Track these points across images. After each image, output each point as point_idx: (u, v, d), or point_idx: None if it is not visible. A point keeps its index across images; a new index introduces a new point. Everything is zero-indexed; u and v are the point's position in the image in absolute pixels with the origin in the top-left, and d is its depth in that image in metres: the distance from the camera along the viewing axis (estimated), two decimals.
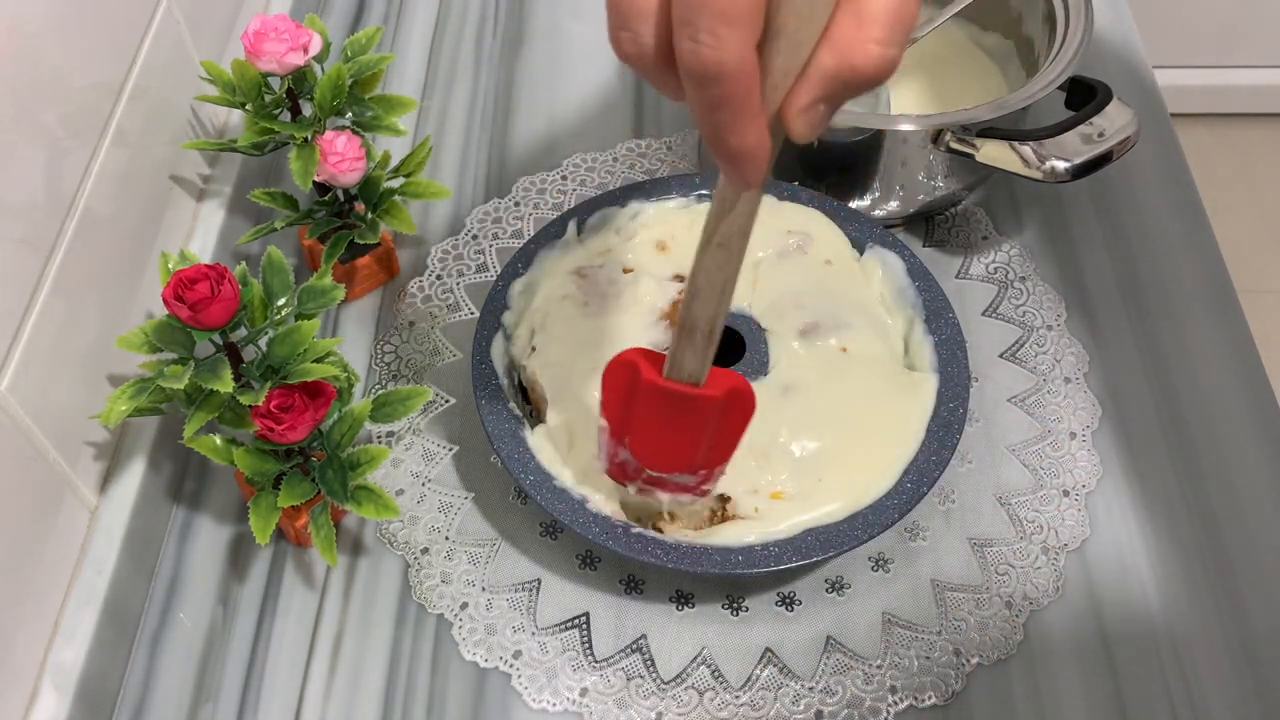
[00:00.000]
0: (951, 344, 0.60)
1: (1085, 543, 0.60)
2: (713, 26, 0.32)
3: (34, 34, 0.53)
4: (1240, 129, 1.83)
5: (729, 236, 0.41)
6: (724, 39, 0.32)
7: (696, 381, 0.47)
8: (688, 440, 0.50)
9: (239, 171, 0.73)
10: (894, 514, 0.55)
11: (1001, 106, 0.64)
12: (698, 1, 0.32)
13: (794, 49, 0.33)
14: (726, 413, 0.49)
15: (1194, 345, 0.68)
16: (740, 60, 0.32)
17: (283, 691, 0.56)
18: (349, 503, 0.54)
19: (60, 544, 0.56)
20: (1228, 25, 1.71)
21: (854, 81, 0.33)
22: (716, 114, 0.34)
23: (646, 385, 0.48)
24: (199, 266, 0.51)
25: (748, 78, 0.33)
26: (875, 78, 0.33)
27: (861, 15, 0.32)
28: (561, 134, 0.79)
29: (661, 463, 0.51)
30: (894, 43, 0.32)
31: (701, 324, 0.45)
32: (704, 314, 0.45)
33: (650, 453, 0.51)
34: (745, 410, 0.50)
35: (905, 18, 0.32)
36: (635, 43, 0.34)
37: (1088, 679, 0.56)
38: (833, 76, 0.33)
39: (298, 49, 0.61)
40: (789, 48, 0.33)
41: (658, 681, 0.56)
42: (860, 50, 0.32)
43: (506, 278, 0.63)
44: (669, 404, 0.48)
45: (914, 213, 0.72)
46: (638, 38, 0.34)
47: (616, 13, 0.34)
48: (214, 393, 0.53)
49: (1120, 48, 0.83)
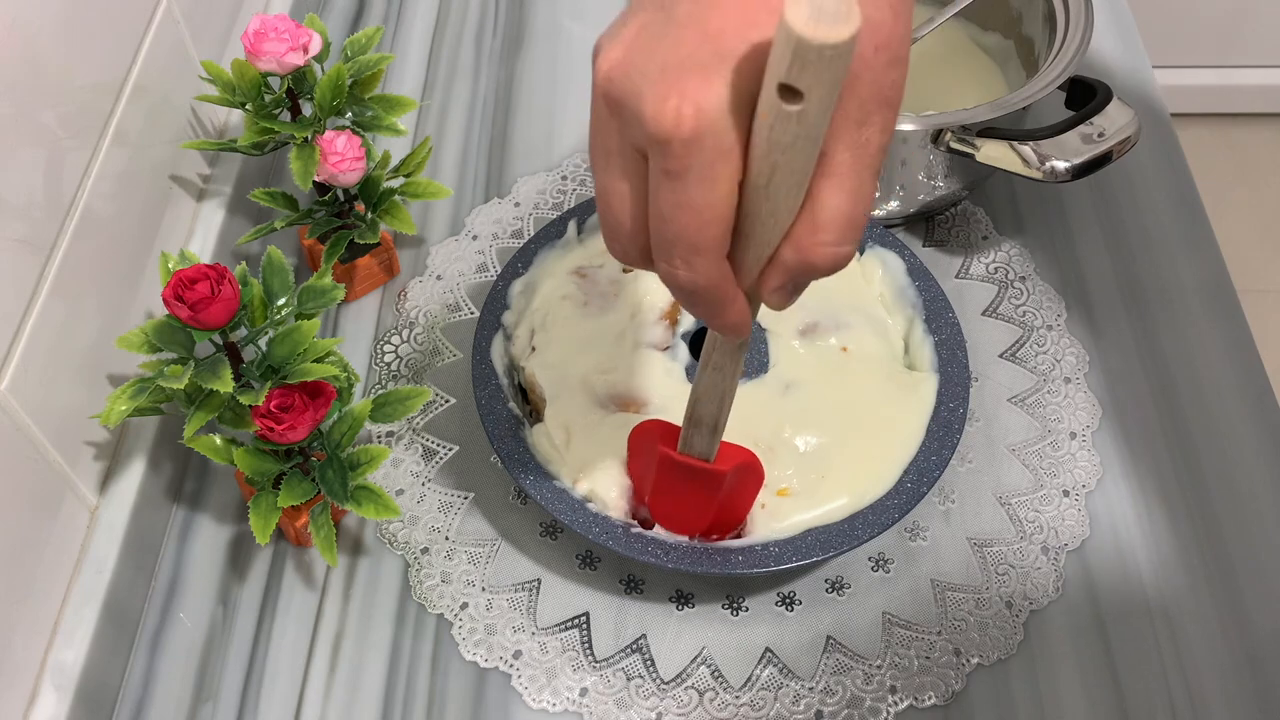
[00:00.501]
0: (951, 344, 0.60)
1: (1085, 543, 0.60)
2: (686, 257, 0.36)
3: (34, 34, 0.53)
4: (1240, 129, 1.83)
5: (722, 363, 0.46)
6: (696, 265, 0.36)
7: (707, 458, 0.52)
8: (699, 507, 0.54)
9: (239, 171, 0.73)
10: (894, 514, 0.55)
11: (1001, 106, 0.64)
12: (670, 237, 0.36)
13: (761, 248, 0.37)
14: (736, 486, 0.53)
15: (1194, 345, 0.68)
16: (712, 277, 0.37)
17: (283, 691, 0.56)
18: (349, 503, 0.54)
19: (60, 544, 0.56)
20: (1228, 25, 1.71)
21: (812, 272, 0.37)
22: (699, 310, 0.39)
23: (662, 457, 0.52)
24: (199, 266, 0.51)
25: (721, 289, 0.37)
26: (829, 270, 0.37)
27: (816, 222, 0.36)
28: (561, 134, 0.79)
29: (675, 526, 0.55)
30: (844, 242, 0.36)
31: (707, 421, 0.50)
32: (708, 415, 0.49)
33: (664, 516, 0.55)
34: (754, 483, 0.54)
35: (855, 223, 0.36)
36: (622, 252, 0.39)
37: (1088, 679, 0.56)
38: (793, 268, 0.37)
39: (298, 49, 0.61)
40: (757, 247, 0.37)
41: (658, 681, 0.56)
42: (814, 251, 0.36)
43: (506, 278, 0.63)
44: (681, 475, 0.52)
45: (914, 213, 0.72)
46: (625, 251, 0.39)
47: (605, 230, 0.39)
48: (214, 393, 0.53)
49: (1120, 48, 0.83)
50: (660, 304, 0.62)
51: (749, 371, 0.60)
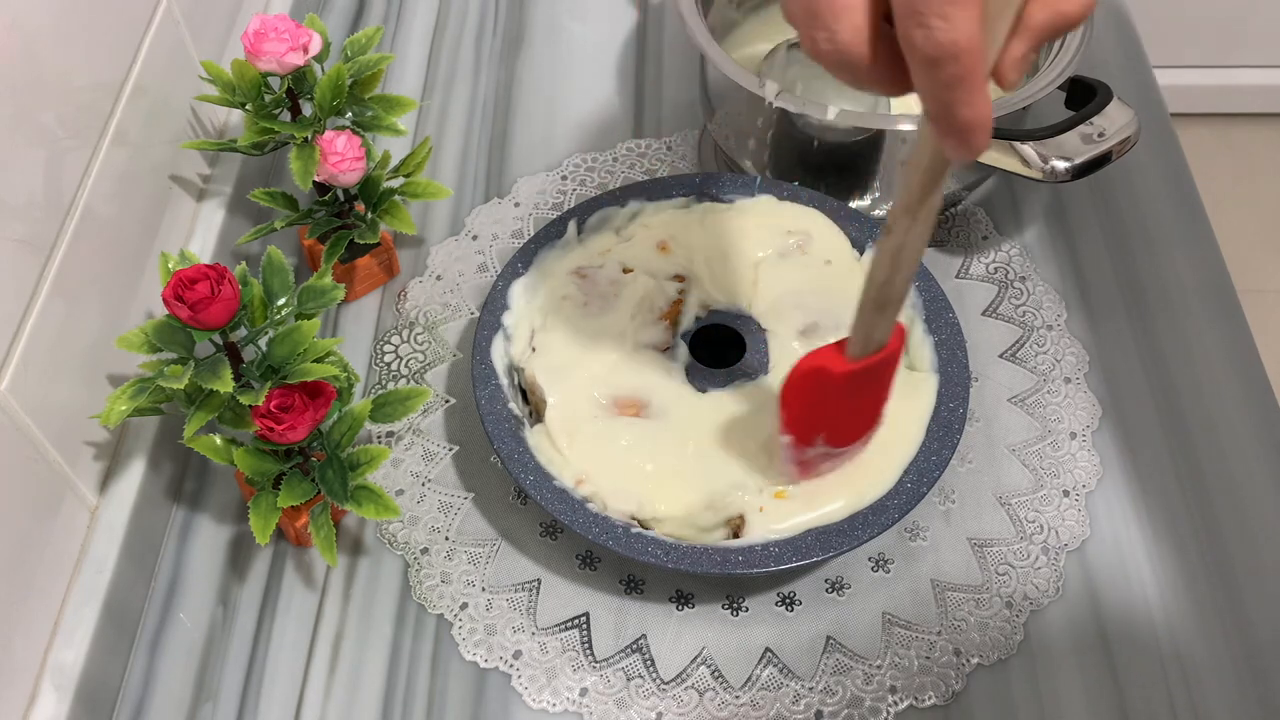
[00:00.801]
0: (951, 344, 0.60)
1: (1085, 543, 0.60)
2: (942, 9, 0.33)
3: (34, 34, 0.53)
4: (1240, 129, 1.83)
5: (933, 209, 0.43)
6: (954, 19, 0.33)
7: (884, 344, 0.50)
8: (880, 400, 0.53)
9: (239, 171, 0.73)
10: (894, 514, 0.55)
11: (1001, 106, 0.64)
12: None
13: (1007, 11, 0.35)
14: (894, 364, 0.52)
15: (1194, 345, 0.68)
16: (971, 36, 0.34)
17: (283, 691, 0.56)
18: (349, 503, 0.54)
19: (60, 544, 0.56)
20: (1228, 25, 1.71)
21: (1064, 27, 0.36)
22: (951, 92, 0.35)
23: (843, 376, 0.50)
24: (199, 266, 0.51)
25: (979, 52, 0.34)
26: (1082, 18, 0.36)
27: None
28: (561, 134, 0.79)
29: (857, 435, 0.55)
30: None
31: (899, 295, 0.47)
32: (899, 289, 0.47)
33: (848, 433, 0.54)
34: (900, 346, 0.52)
35: None
36: (832, 41, 0.36)
37: (1088, 679, 0.56)
38: (1046, 27, 0.36)
39: (297, 49, 0.61)
40: (1007, 12, 0.35)
41: (658, 681, 0.56)
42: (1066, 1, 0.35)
43: (506, 278, 0.63)
44: (865, 380, 0.51)
45: None
46: (836, 36, 0.36)
47: (813, 15, 0.36)
48: (214, 393, 0.53)
49: (1120, 48, 0.83)
50: (660, 304, 0.62)
51: (749, 372, 0.60)
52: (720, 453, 0.57)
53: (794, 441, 0.54)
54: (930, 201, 0.43)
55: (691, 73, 0.82)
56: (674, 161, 0.77)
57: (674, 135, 0.78)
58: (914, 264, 0.46)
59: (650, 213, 0.66)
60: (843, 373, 0.50)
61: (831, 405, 0.52)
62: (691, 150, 0.78)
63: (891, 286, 0.47)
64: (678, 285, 0.63)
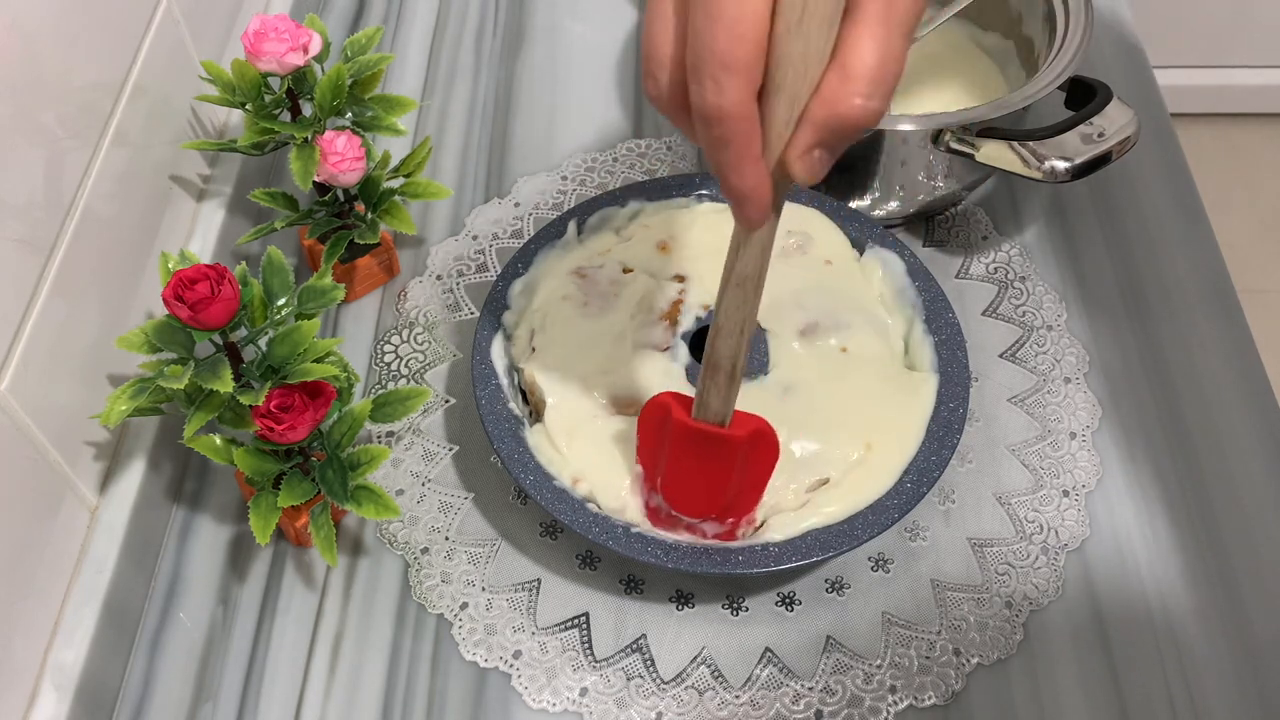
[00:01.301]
0: (951, 344, 0.60)
1: (1085, 543, 0.60)
2: (715, 74, 0.36)
3: (34, 34, 0.53)
4: (1240, 129, 1.83)
5: (744, 277, 0.45)
6: (725, 85, 0.37)
7: (722, 422, 0.50)
8: (715, 483, 0.52)
9: (239, 171, 0.73)
10: (894, 514, 0.55)
11: (1001, 106, 0.64)
12: (704, 53, 0.36)
13: (791, 102, 0.38)
14: (751, 456, 0.52)
15: (1194, 345, 0.68)
16: (739, 104, 0.37)
17: (283, 691, 0.56)
18: (349, 503, 0.54)
19: (60, 544, 0.56)
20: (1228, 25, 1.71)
21: (841, 129, 0.38)
22: (721, 154, 0.38)
23: (676, 425, 0.51)
24: (199, 266, 0.51)
25: (746, 121, 0.38)
26: (859, 126, 0.37)
27: (846, 73, 0.36)
28: (561, 134, 0.79)
29: (690, 507, 0.54)
30: (876, 96, 0.37)
31: (724, 362, 0.48)
32: (726, 352, 0.47)
33: (679, 497, 0.54)
34: (769, 454, 0.52)
35: (887, 76, 0.36)
36: (656, 88, 0.40)
37: (1088, 679, 0.56)
38: (822, 124, 0.38)
39: (298, 49, 0.61)
40: (787, 101, 0.38)
41: (657, 681, 0.56)
42: (845, 103, 0.37)
43: (506, 278, 0.63)
44: (696, 445, 0.51)
45: (914, 213, 0.72)
46: (658, 84, 0.40)
47: (645, 60, 0.40)
48: (214, 393, 0.53)
49: (1120, 48, 0.83)
50: (660, 304, 0.62)
51: (749, 373, 0.60)
52: None
53: (643, 474, 0.55)
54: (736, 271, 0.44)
55: None
56: (674, 161, 0.77)
57: (674, 135, 0.78)
58: (734, 334, 0.47)
59: (650, 213, 0.66)
60: (678, 420, 0.51)
61: (671, 453, 0.52)
62: (691, 150, 0.78)
63: (715, 344, 0.47)
64: (678, 285, 0.63)
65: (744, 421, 0.51)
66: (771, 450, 0.52)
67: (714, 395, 0.49)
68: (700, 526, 0.55)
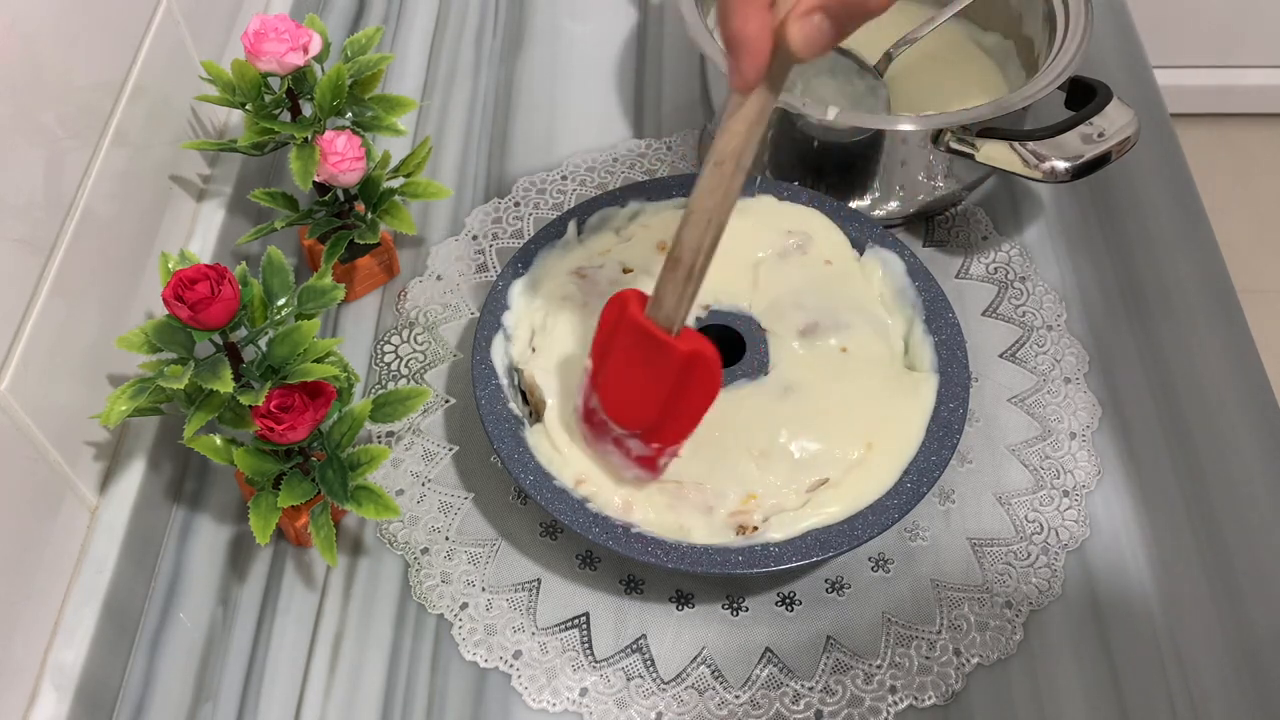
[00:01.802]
0: (951, 344, 0.60)
1: (1085, 543, 0.60)
2: None
3: (34, 34, 0.53)
4: (1240, 129, 1.83)
5: (724, 156, 0.43)
6: None
7: (671, 327, 0.48)
8: (649, 393, 0.50)
9: (239, 171, 0.73)
10: (894, 514, 0.55)
11: (1001, 106, 0.64)
12: None
13: None
14: (690, 378, 0.50)
15: (1194, 345, 0.68)
16: None
17: (283, 691, 0.56)
18: (349, 503, 0.54)
19: (60, 544, 0.56)
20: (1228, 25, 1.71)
21: (858, 9, 0.37)
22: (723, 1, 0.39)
23: (627, 319, 0.49)
24: (199, 266, 0.51)
25: None
26: (877, 9, 0.37)
27: None
28: (561, 134, 0.79)
29: (621, 414, 0.52)
30: None
31: (686, 254, 0.45)
32: (689, 242, 0.45)
33: (613, 400, 0.52)
34: (707, 384, 0.50)
35: None
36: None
37: (1088, 679, 0.56)
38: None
39: (297, 49, 0.61)
40: None
41: (657, 681, 0.56)
42: None
43: (506, 278, 0.63)
44: (640, 345, 0.49)
45: (914, 213, 0.72)
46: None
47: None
48: (214, 393, 0.53)
49: (1120, 48, 0.83)
50: None
51: (750, 373, 0.60)
52: (718, 452, 0.57)
53: (589, 370, 0.53)
54: (718, 147, 0.43)
55: (691, 73, 0.82)
56: (674, 161, 0.77)
57: (674, 135, 0.78)
58: (700, 227, 0.45)
59: (650, 213, 0.66)
60: (632, 315, 0.49)
61: (616, 350, 0.50)
62: (691, 150, 0.78)
63: (677, 239, 0.46)
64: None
65: (691, 338, 0.49)
66: (710, 380, 0.50)
67: (670, 293, 0.47)
68: (626, 442, 0.53)
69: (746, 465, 0.56)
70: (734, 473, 0.56)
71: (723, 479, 0.56)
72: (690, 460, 0.56)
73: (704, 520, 0.55)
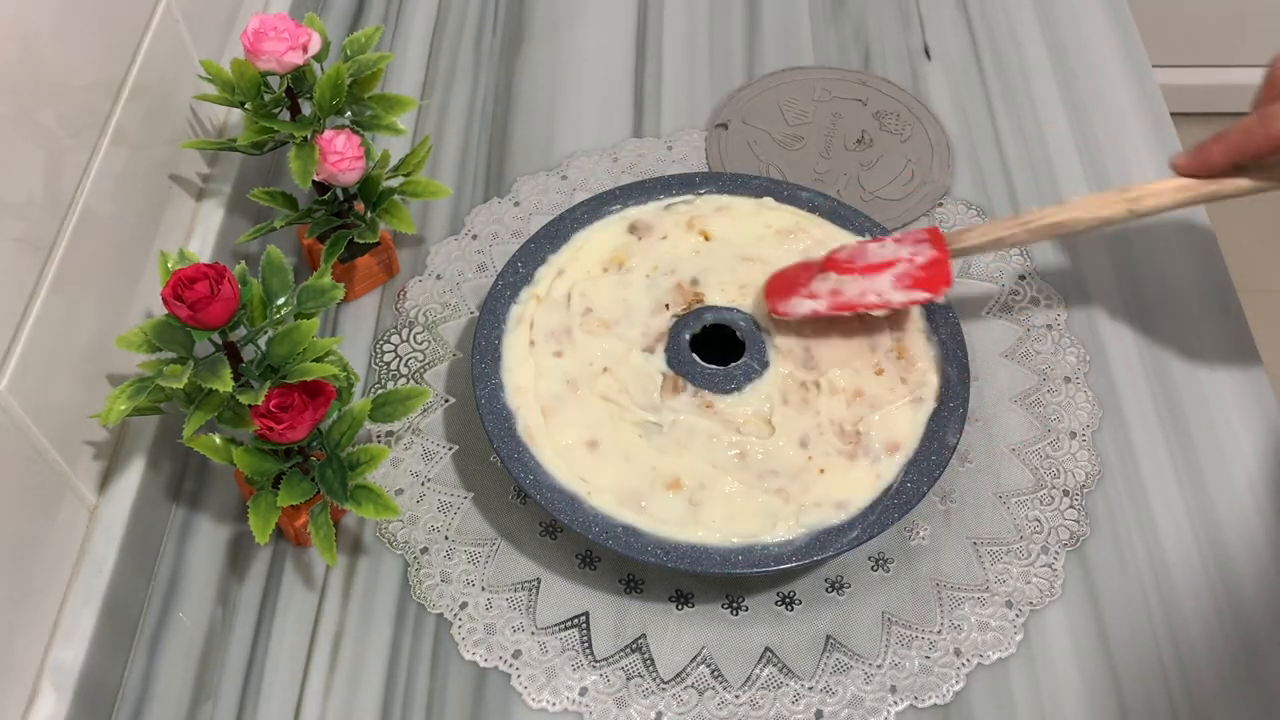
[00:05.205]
0: (951, 344, 0.60)
1: (1085, 542, 0.60)
2: None
3: (34, 34, 0.53)
4: None
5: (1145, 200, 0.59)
6: None
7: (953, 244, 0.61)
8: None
9: (238, 171, 0.73)
10: (894, 514, 0.55)
11: None
12: None
13: None
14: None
15: (1194, 345, 0.67)
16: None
17: (282, 691, 0.56)
18: (348, 502, 0.54)
19: (60, 544, 0.56)
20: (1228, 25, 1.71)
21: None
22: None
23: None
24: (198, 266, 0.51)
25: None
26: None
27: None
28: (561, 134, 0.79)
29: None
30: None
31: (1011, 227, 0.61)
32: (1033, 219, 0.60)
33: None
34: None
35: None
36: None
37: (1088, 679, 0.56)
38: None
39: (297, 48, 0.61)
40: None
41: (657, 681, 0.56)
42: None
43: (506, 277, 0.63)
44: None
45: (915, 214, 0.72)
46: None
47: None
48: (213, 392, 0.53)
49: (1120, 48, 0.83)
50: (661, 304, 0.62)
51: (750, 373, 0.60)
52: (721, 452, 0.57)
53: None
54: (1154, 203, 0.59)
55: (692, 73, 0.82)
56: (674, 161, 0.77)
57: (674, 135, 0.78)
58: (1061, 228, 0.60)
59: (650, 213, 0.66)
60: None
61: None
62: (691, 150, 0.78)
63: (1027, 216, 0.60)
64: (678, 284, 0.63)
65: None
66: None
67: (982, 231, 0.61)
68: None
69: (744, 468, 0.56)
70: (732, 475, 0.56)
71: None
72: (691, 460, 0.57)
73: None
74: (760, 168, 0.75)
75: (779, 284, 0.61)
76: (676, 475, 0.56)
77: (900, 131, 0.77)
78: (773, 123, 0.78)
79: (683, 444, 0.57)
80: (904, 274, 0.59)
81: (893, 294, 0.59)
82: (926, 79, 0.81)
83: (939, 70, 0.82)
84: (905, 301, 0.59)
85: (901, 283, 0.59)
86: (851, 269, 0.59)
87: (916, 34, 0.84)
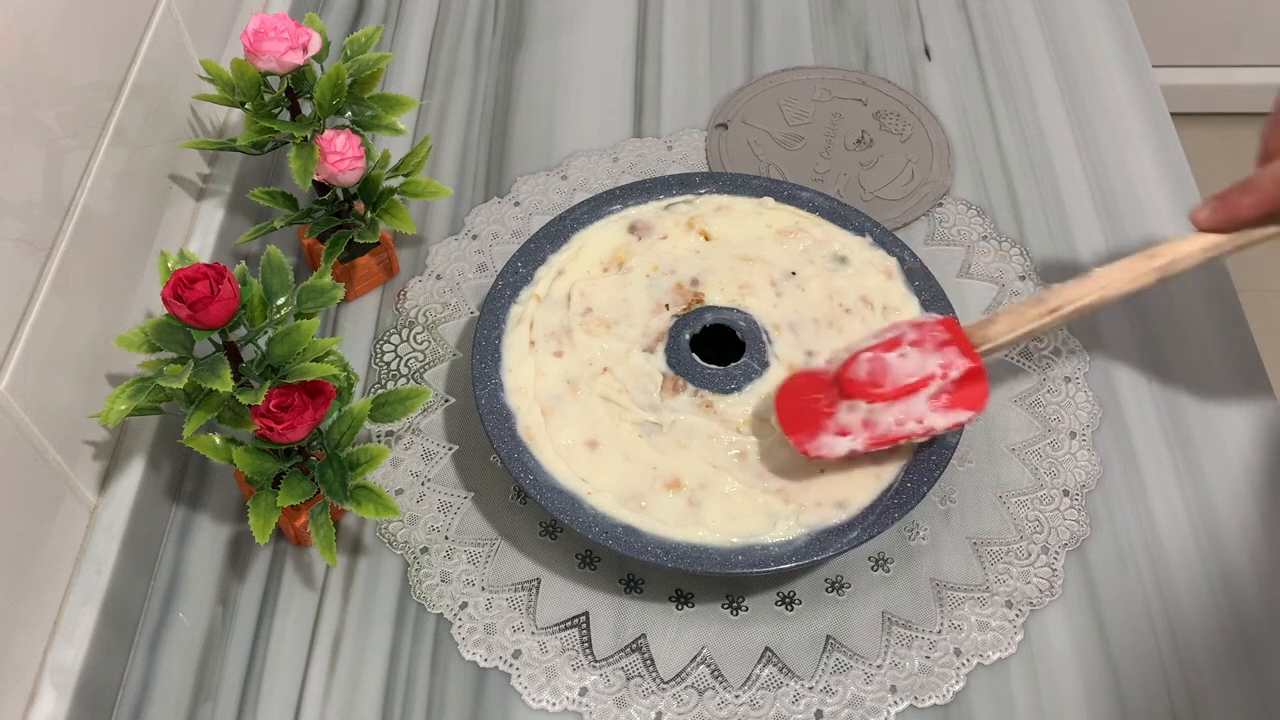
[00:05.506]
0: None
1: (1085, 543, 0.60)
2: None
3: (34, 34, 0.53)
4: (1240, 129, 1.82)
5: (1166, 258, 0.59)
6: None
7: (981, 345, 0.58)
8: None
9: (238, 171, 0.72)
10: (894, 514, 0.55)
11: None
12: None
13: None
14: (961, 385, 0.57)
15: (1194, 345, 0.68)
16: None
17: (282, 691, 0.56)
18: (348, 502, 0.54)
19: (60, 544, 0.56)
20: (1228, 25, 1.71)
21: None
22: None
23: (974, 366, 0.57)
24: (198, 266, 0.51)
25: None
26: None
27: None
28: (561, 134, 0.79)
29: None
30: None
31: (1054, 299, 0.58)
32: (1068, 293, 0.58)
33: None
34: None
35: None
36: None
37: (1088, 679, 0.56)
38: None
39: (297, 48, 0.61)
40: None
41: (657, 681, 0.56)
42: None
43: (506, 277, 0.63)
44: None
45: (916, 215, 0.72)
46: None
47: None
48: (213, 392, 0.53)
49: (1120, 48, 0.83)
50: (662, 303, 0.62)
51: (750, 373, 0.60)
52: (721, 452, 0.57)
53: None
54: (1179, 263, 0.59)
55: (692, 73, 0.82)
56: (674, 161, 0.77)
57: (674, 135, 0.78)
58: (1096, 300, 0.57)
59: (650, 213, 0.66)
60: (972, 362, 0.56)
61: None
62: (691, 150, 0.78)
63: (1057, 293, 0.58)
64: (678, 284, 0.63)
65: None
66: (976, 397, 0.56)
67: (1008, 320, 0.58)
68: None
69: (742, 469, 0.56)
70: (732, 476, 0.56)
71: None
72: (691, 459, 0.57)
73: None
74: (760, 168, 0.75)
75: (795, 411, 0.56)
76: (676, 475, 0.56)
77: (900, 131, 0.77)
78: (773, 123, 0.78)
79: (682, 444, 0.57)
80: (939, 392, 0.55)
81: (934, 418, 0.55)
82: (926, 79, 0.81)
83: (939, 70, 0.82)
84: (949, 425, 0.55)
85: (938, 402, 0.55)
86: (881, 395, 0.55)
87: (916, 34, 0.84)
